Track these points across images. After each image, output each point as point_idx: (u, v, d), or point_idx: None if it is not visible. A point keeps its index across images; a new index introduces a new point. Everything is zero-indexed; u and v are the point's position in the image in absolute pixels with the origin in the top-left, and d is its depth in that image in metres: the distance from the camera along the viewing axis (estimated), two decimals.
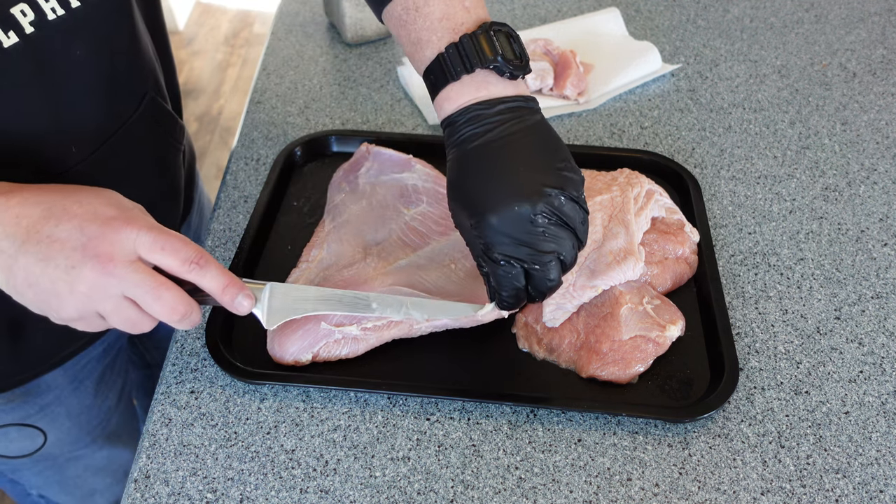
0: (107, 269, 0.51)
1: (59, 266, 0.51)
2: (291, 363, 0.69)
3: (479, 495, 0.62)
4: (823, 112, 1.01)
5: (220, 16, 3.12)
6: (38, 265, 0.51)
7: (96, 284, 0.51)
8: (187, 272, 0.54)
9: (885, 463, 0.65)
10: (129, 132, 0.72)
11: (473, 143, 0.59)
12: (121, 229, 0.52)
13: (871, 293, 0.78)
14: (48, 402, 0.83)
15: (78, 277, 0.51)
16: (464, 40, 0.60)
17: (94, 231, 0.51)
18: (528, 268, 0.58)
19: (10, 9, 0.57)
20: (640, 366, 0.69)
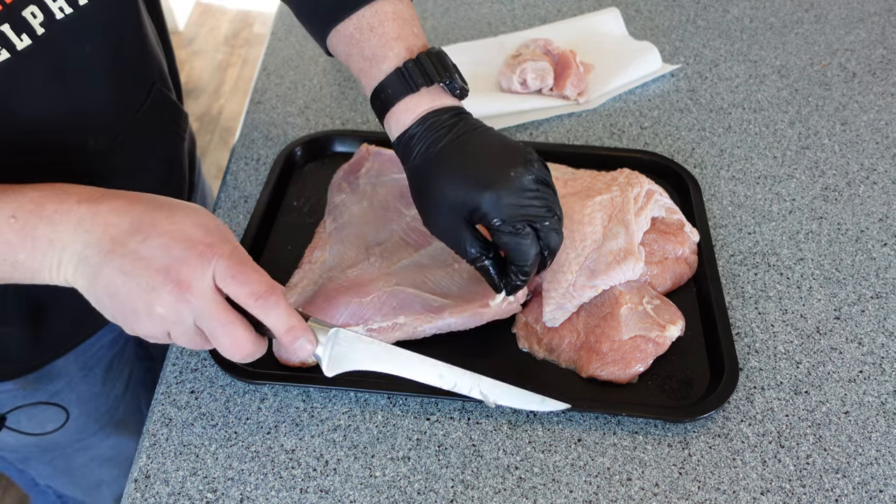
0: (184, 296, 0.51)
1: (139, 284, 0.51)
2: (298, 365, 0.69)
3: (479, 495, 0.62)
4: (823, 112, 1.01)
5: (220, 16, 3.12)
6: (120, 278, 0.51)
7: (172, 309, 0.52)
8: (253, 306, 0.53)
9: (884, 463, 0.65)
10: (139, 123, 0.73)
11: (440, 144, 0.63)
12: (203, 254, 0.52)
13: (870, 293, 0.78)
14: (59, 388, 0.83)
15: (157, 300, 0.51)
16: (421, 57, 0.65)
17: (178, 253, 0.51)
18: (540, 227, 0.62)
19: (22, 11, 0.57)
20: (639, 366, 0.69)
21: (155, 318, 0.52)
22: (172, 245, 0.51)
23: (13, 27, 0.57)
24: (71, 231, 0.52)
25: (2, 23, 0.57)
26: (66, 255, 0.52)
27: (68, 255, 0.52)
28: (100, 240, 0.51)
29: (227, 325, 0.53)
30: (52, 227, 0.51)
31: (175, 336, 0.54)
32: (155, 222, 0.52)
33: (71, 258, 0.52)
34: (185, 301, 0.51)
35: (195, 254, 0.51)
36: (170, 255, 0.51)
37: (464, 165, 0.62)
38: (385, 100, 0.65)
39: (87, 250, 0.52)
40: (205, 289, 0.52)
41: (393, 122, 0.66)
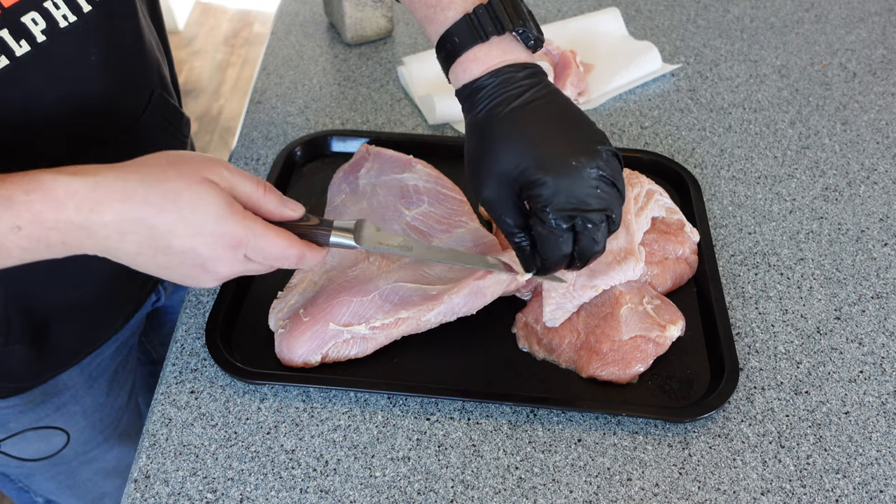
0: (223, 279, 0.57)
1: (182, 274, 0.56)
2: (301, 365, 0.69)
3: (479, 495, 0.62)
4: (823, 112, 1.01)
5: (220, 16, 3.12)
6: (161, 271, 0.55)
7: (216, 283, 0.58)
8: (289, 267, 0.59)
9: (885, 463, 0.65)
10: (140, 130, 0.72)
11: (511, 105, 0.59)
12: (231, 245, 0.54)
13: (871, 293, 0.78)
14: (64, 401, 0.83)
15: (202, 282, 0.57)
16: (494, 2, 0.59)
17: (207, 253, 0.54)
18: (580, 228, 0.58)
19: (22, 17, 0.57)
20: (640, 366, 0.69)
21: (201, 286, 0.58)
22: (200, 248, 0.53)
23: (12, 33, 0.57)
24: (86, 238, 0.52)
25: (0, 28, 0.56)
26: (88, 250, 0.53)
27: (94, 251, 0.53)
28: (122, 248, 0.53)
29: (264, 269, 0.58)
30: (61, 235, 0.51)
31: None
32: (171, 230, 0.52)
33: (100, 252, 0.54)
34: (225, 279, 0.57)
35: (223, 248, 0.54)
36: (201, 256, 0.54)
37: (528, 138, 0.58)
38: (452, 49, 0.61)
39: (111, 251, 0.53)
40: (240, 265, 0.56)
41: (460, 71, 0.61)
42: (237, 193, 0.55)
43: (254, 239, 0.54)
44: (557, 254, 0.59)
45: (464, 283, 0.69)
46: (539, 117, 0.59)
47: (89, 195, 0.50)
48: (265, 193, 0.56)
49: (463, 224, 0.77)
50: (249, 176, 0.56)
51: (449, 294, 0.69)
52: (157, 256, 0.53)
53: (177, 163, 0.53)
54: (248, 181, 0.55)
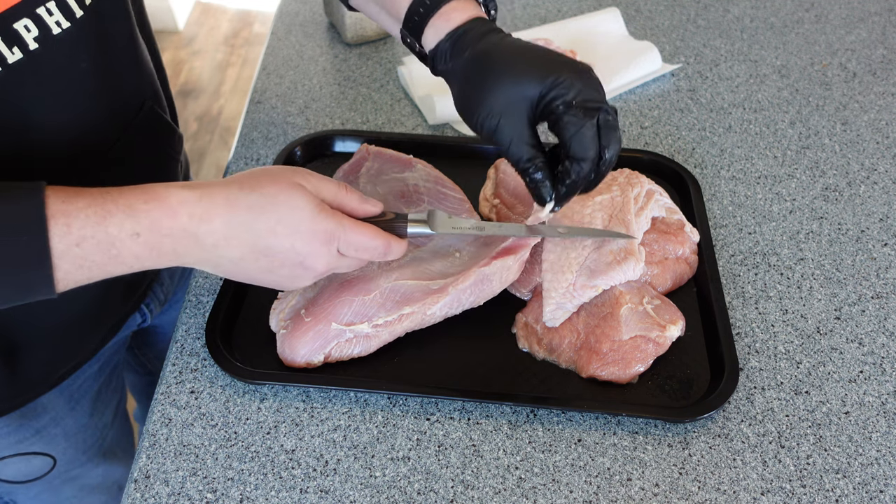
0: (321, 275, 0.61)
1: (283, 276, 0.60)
2: (303, 365, 0.69)
3: (479, 495, 0.62)
4: (823, 112, 1.01)
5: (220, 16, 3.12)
6: (262, 274, 0.59)
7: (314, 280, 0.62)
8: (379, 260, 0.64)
9: (885, 463, 0.65)
10: (130, 140, 0.72)
11: (504, 39, 0.63)
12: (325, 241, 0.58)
13: (871, 293, 0.78)
14: (44, 424, 0.82)
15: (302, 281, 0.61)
16: None
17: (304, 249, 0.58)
18: (602, 121, 0.60)
19: (14, 24, 0.56)
20: (640, 366, 0.69)
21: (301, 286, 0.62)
22: (298, 246, 0.58)
23: (4, 40, 0.56)
24: (194, 245, 0.56)
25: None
26: (193, 259, 0.57)
27: (195, 260, 0.57)
28: (227, 254, 0.57)
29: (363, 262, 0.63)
30: (174, 242, 0.55)
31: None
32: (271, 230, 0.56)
33: (198, 262, 0.58)
34: (323, 275, 0.61)
35: (318, 244, 0.58)
36: (299, 254, 0.58)
37: (540, 51, 0.62)
38: (425, 12, 0.65)
39: (218, 259, 0.57)
40: (335, 262, 0.60)
41: (441, 22, 0.64)
42: (323, 195, 0.59)
43: (344, 233, 0.59)
44: (589, 150, 0.59)
45: (468, 272, 0.69)
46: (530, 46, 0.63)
47: (198, 204, 0.55)
48: (347, 193, 0.61)
49: None
50: (329, 179, 0.61)
51: (454, 285, 0.69)
52: (259, 260, 0.58)
53: (268, 172, 0.58)
54: (329, 183, 0.60)
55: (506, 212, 0.81)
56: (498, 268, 0.69)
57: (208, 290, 0.77)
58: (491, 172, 0.86)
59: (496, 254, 0.70)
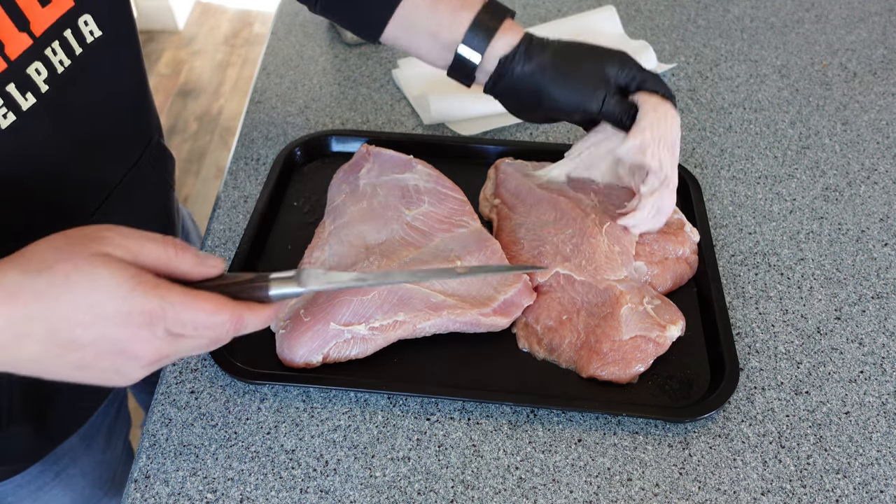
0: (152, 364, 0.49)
1: (105, 370, 0.48)
2: (302, 366, 0.69)
3: (480, 495, 0.62)
4: (824, 112, 1.01)
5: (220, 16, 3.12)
6: (79, 372, 0.48)
7: (147, 370, 0.50)
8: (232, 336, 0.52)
9: (885, 463, 0.65)
10: (135, 176, 0.73)
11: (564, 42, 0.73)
12: (147, 323, 0.47)
13: (871, 293, 0.78)
14: (63, 466, 0.81)
15: (130, 373, 0.49)
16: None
17: (120, 335, 0.47)
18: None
19: (27, 69, 0.56)
20: (640, 366, 0.69)
21: (138, 378, 0.50)
22: (109, 332, 0.47)
23: (18, 87, 0.55)
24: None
25: (7, 83, 0.54)
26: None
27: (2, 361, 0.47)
28: (22, 354, 0.46)
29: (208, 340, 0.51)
30: None
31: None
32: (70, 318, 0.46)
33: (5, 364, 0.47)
34: (159, 361, 0.50)
35: (136, 328, 0.47)
36: (114, 341, 0.47)
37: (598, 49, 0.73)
38: (493, 26, 0.71)
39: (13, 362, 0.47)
40: (168, 344, 0.49)
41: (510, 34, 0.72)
42: (142, 260, 0.48)
43: (171, 309, 0.47)
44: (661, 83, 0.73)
45: (466, 311, 0.70)
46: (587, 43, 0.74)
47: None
48: (177, 253, 0.49)
49: (465, 224, 0.77)
50: (154, 236, 0.49)
51: (450, 312, 0.70)
52: (66, 355, 0.46)
53: (58, 246, 0.47)
54: (152, 243, 0.48)
55: (506, 211, 0.81)
56: (491, 322, 0.71)
57: None
58: (491, 172, 0.86)
59: (496, 309, 0.71)
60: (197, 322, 0.48)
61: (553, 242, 0.76)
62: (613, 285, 0.72)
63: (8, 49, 0.54)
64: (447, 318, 0.69)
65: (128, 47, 0.69)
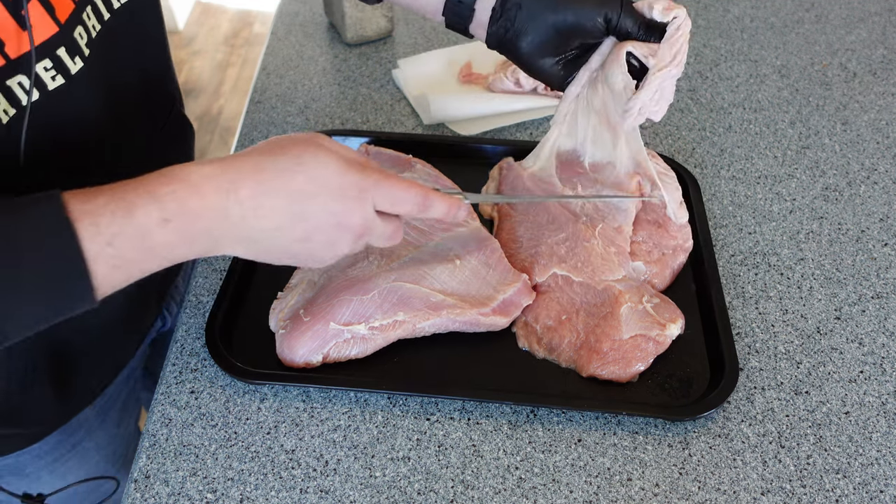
0: (360, 237, 0.58)
1: (319, 243, 0.56)
2: (302, 365, 0.69)
3: (479, 495, 0.62)
4: (824, 112, 1.01)
5: (220, 16, 3.12)
6: (297, 245, 0.56)
7: (354, 246, 0.59)
8: (418, 215, 0.61)
9: (885, 463, 0.65)
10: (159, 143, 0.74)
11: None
12: (359, 198, 0.56)
13: (871, 293, 0.78)
14: (79, 438, 0.82)
15: (339, 248, 0.58)
16: None
17: (338, 208, 0.55)
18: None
19: (73, 33, 0.58)
20: (640, 365, 0.69)
21: (340, 255, 0.59)
22: (331, 204, 0.55)
23: (68, 51, 0.57)
24: (224, 221, 0.52)
25: (59, 46, 0.56)
26: (227, 240, 0.54)
27: (229, 241, 0.54)
28: (260, 225, 0.54)
29: (396, 233, 0.61)
30: (204, 222, 0.52)
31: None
32: (303, 191, 0.54)
33: (234, 244, 0.55)
34: (361, 237, 0.58)
35: (352, 200, 0.56)
36: (334, 213, 0.55)
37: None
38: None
39: (252, 233, 0.54)
40: (371, 219, 0.58)
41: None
42: (344, 155, 0.57)
43: (376, 185, 0.56)
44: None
45: (466, 311, 0.70)
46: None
47: (223, 177, 0.52)
48: (368, 159, 0.60)
49: (464, 223, 0.77)
50: (349, 147, 0.60)
51: (449, 311, 0.70)
52: (295, 227, 0.55)
53: (287, 138, 0.57)
54: (349, 148, 0.59)
55: (507, 210, 0.81)
56: (491, 321, 0.71)
57: (208, 290, 0.77)
58: (494, 172, 0.86)
59: (496, 308, 0.71)
60: (396, 196, 0.57)
61: (548, 244, 0.76)
62: (612, 285, 0.72)
63: (58, 12, 0.56)
64: (446, 317, 0.70)
65: (151, 14, 0.70)
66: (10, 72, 0.53)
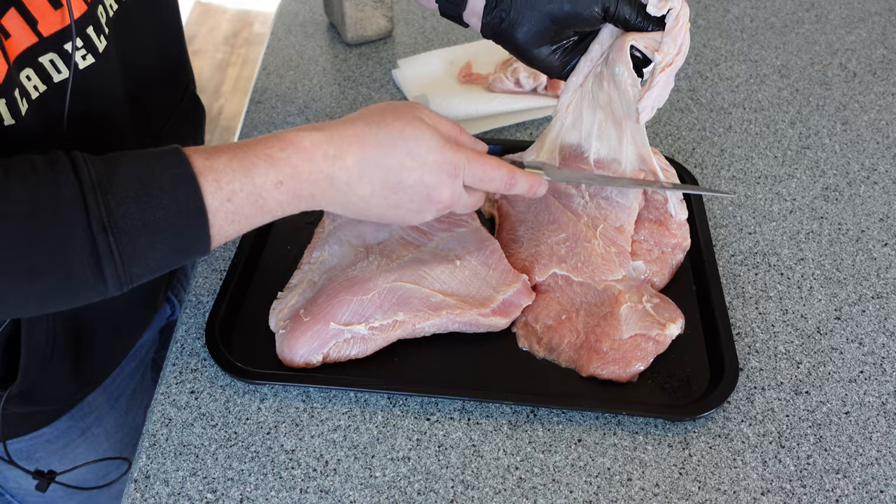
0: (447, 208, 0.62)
1: (410, 210, 0.61)
2: (302, 365, 0.69)
3: (479, 495, 0.62)
4: (824, 112, 1.01)
5: (220, 15, 3.12)
6: (390, 210, 0.60)
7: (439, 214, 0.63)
8: (503, 192, 0.65)
9: (885, 463, 0.65)
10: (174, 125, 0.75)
11: None
12: (451, 173, 0.60)
13: (871, 293, 0.78)
14: (89, 423, 0.83)
15: (427, 215, 0.62)
16: None
17: (432, 181, 0.59)
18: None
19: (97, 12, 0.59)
20: (640, 364, 0.69)
21: (425, 220, 0.63)
22: (426, 178, 0.59)
23: (95, 29, 0.58)
24: (329, 186, 0.57)
25: (87, 25, 0.58)
26: (327, 201, 0.58)
27: (328, 201, 0.58)
28: (359, 191, 0.58)
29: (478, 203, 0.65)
30: (312, 185, 0.56)
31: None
32: (401, 164, 0.58)
33: (331, 203, 0.59)
34: (447, 208, 0.62)
35: (445, 176, 0.60)
36: (427, 186, 0.59)
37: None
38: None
39: (352, 197, 0.58)
40: (459, 194, 0.62)
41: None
42: (441, 131, 0.61)
43: (468, 164, 0.60)
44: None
45: (466, 311, 0.70)
46: None
47: (330, 144, 0.56)
48: (461, 132, 0.63)
49: (464, 223, 0.77)
50: (444, 117, 0.63)
51: (449, 311, 0.70)
52: (388, 196, 0.59)
53: (390, 108, 0.60)
54: (446, 121, 0.63)
55: (507, 208, 0.81)
56: (491, 322, 0.71)
57: (208, 290, 0.77)
58: None
59: (495, 309, 0.71)
60: (485, 174, 0.62)
61: (548, 244, 0.76)
62: (612, 285, 0.72)
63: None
64: (446, 318, 0.70)
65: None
66: (42, 50, 0.55)
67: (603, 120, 0.75)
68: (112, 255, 0.49)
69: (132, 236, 0.49)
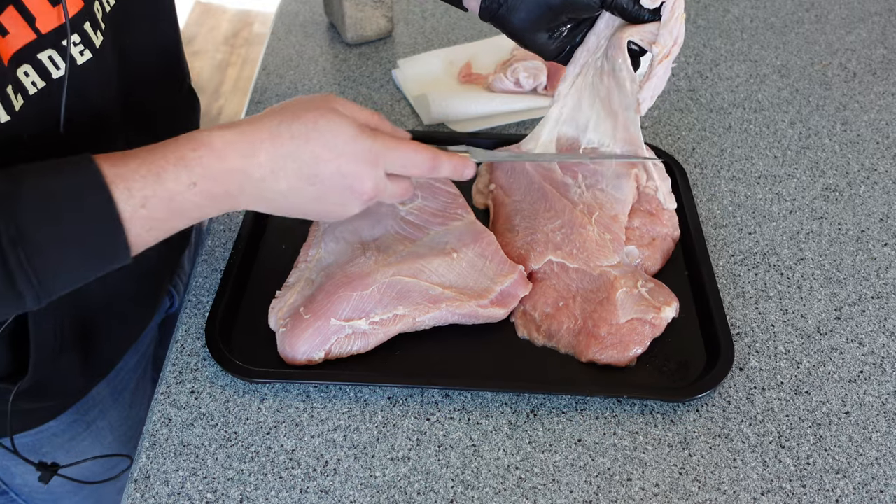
0: (371, 198, 0.61)
1: (332, 203, 0.60)
2: (304, 363, 0.69)
3: (479, 495, 0.62)
4: (824, 112, 1.01)
5: (220, 16, 3.12)
6: (311, 204, 0.60)
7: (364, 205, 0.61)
8: (428, 176, 0.66)
9: (885, 463, 0.65)
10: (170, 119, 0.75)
11: None
12: (371, 161, 0.59)
13: (871, 293, 0.78)
14: (94, 417, 0.83)
15: (350, 209, 0.61)
16: None
17: (351, 170, 0.58)
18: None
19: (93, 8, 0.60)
20: (637, 348, 0.69)
21: (352, 214, 0.62)
22: (343, 168, 0.58)
23: (91, 25, 0.58)
24: (245, 183, 0.56)
25: (84, 21, 0.58)
26: (245, 199, 0.58)
27: (247, 199, 0.58)
28: (275, 187, 0.57)
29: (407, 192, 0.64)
30: (225, 185, 0.55)
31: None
32: (316, 156, 0.57)
33: (250, 201, 0.58)
34: (372, 199, 0.61)
35: (364, 165, 0.59)
36: (346, 176, 0.58)
37: None
38: None
39: (269, 193, 0.58)
40: (382, 182, 0.60)
41: None
42: (359, 120, 0.60)
43: (386, 151, 0.59)
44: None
45: (465, 303, 0.70)
46: None
47: (242, 141, 0.55)
48: (380, 120, 0.63)
49: (459, 217, 0.78)
50: (361, 107, 0.63)
51: (448, 304, 0.70)
52: (306, 189, 0.58)
53: (304, 102, 0.59)
54: (363, 110, 0.62)
55: (502, 196, 0.82)
56: (489, 313, 0.71)
57: (208, 290, 0.77)
58: (482, 168, 0.87)
59: (493, 300, 0.71)
60: (406, 159, 0.60)
61: (544, 231, 0.77)
62: (607, 271, 0.73)
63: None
64: (446, 310, 0.70)
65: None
66: (39, 47, 0.55)
67: (600, 111, 0.76)
68: (23, 268, 0.48)
69: (43, 248, 0.49)
